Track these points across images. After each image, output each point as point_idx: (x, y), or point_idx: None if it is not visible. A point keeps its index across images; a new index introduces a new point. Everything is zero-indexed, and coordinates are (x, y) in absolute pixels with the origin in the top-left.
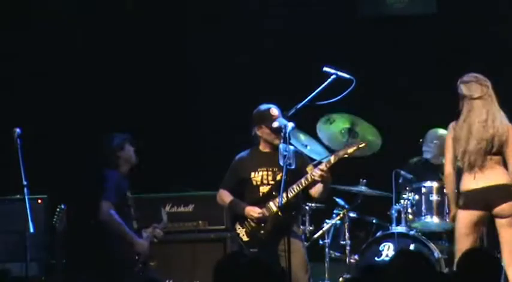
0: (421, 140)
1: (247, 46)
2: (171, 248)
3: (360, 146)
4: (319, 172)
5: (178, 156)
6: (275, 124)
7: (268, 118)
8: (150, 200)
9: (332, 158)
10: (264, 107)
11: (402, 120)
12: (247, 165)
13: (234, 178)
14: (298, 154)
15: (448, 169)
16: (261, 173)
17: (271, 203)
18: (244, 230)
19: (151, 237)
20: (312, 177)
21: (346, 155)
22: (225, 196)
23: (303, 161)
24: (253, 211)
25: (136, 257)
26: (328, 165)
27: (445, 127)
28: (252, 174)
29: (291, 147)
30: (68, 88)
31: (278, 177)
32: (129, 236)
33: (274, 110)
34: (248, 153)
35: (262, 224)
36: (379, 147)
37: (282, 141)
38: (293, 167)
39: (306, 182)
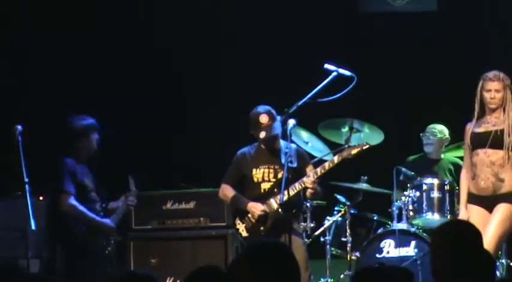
0: (421, 134)
1: (248, 44)
2: (172, 245)
3: (364, 147)
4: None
5: (178, 154)
6: (262, 135)
7: (256, 126)
8: (151, 197)
9: (336, 159)
10: (255, 112)
11: (403, 117)
12: (248, 162)
13: (237, 173)
14: (300, 153)
15: None
16: (262, 170)
17: (271, 200)
18: (244, 225)
19: (125, 205)
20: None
21: (349, 156)
22: (228, 191)
23: (304, 160)
24: (256, 208)
25: (105, 243)
26: (331, 165)
27: (445, 123)
28: (253, 171)
29: (293, 146)
30: (69, 85)
31: (279, 175)
32: (94, 221)
33: (264, 118)
34: (250, 149)
35: (263, 221)
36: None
37: (274, 145)
38: (295, 165)
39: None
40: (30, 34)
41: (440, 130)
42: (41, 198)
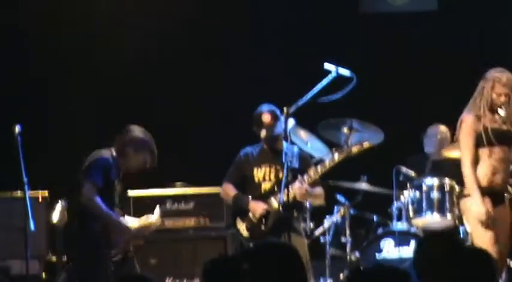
0: (423, 134)
1: (248, 43)
2: (172, 246)
3: (365, 146)
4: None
5: (178, 153)
6: (263, 133)
7: (258, 124)
8: (151, 197)
9: (336, 157)
10: (258, 110)
11: (403, 116)
12: (250, 161)
13: (238, 173)
14: (302, 155)
15: None
16: (263, 169)
17: (272, 199)
18: (244, 225)
19: (141, 231)
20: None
21: (350, 154)
22: (229, 190)
23: (306, 162)
24: (258, 206)
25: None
26: (331, 164)
27: (445, 123)
28: (255, 170)
29: (296, 148)
30: (70, 83)
31: (280, 175)
32: (110, 218)
33: (266, 117)
34: (253, 149)
35: (264, 220)
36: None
37: (275, 145)
38: (296, 165)
39: (309, 180)
40: (30, 34)
41: (442, 130)
42: (40, 199)
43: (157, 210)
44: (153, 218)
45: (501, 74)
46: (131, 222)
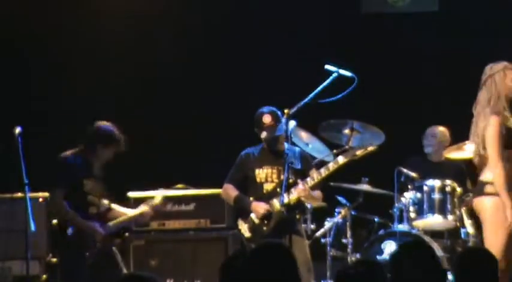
0: (423, 136)
1: (248, 44)
2: (172, 247)
3: (369, 148)
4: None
5: (179, 155)
6: (263, 135)
7: (259, 126)
8: (151, 198)
9: (340, 160)
10: (259, 111)
11: (404, 117)
12: (252, 162)
13: (240, 173)
14: (304, 156)
15: None
16: (265, 170)
17: (275, 200)
18: (247, 225)
19: (138, 218)
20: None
21: (354, 158)
22: (231, 191)
23: (308, 163)
24: (260, 207)
25: (91, 250)
26: (335, 166)
27: (445, 124)
28: (257, 171)
29: (297, 149)
30: (70, 84)
31: (282, 176)
32: (78, 222)
33: (267, 118)
34: (254, 149)
35: (266, 221)
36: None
37: (276, 146)
38: (298, 166)
39: (312, 182)
40: (30, 34)
41: (441, 131)
42: (40, 199)
43: (160, 192)
44: (154, 201)
45: (505, 62)
46: (127, 211)
